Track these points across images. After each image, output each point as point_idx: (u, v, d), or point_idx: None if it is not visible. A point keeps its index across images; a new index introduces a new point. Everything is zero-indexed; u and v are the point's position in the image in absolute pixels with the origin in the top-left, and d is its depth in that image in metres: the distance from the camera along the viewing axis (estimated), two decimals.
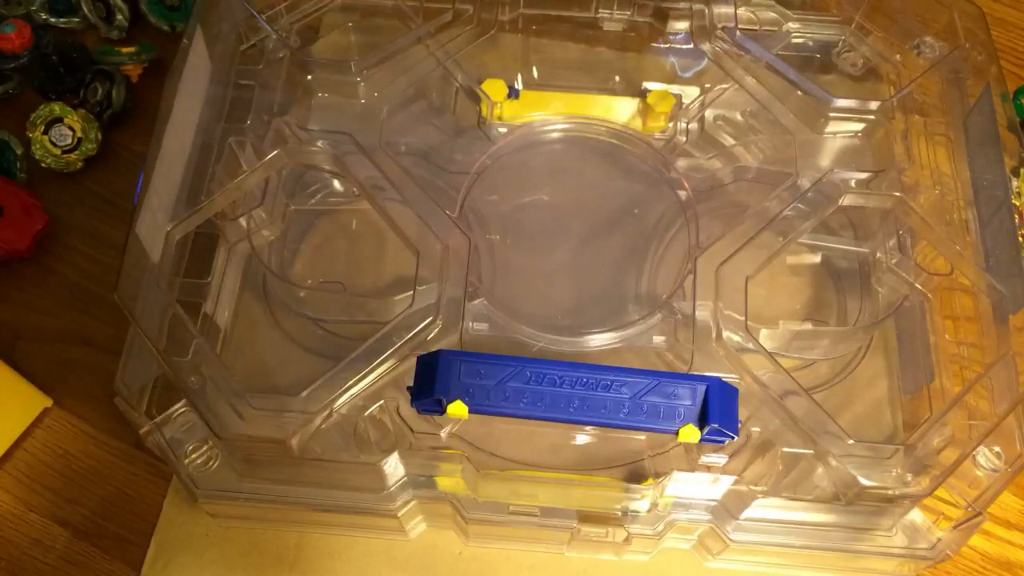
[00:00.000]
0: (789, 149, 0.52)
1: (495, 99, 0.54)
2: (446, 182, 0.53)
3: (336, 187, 0.55)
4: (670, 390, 0.40)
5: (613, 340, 0.48)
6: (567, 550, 0.48)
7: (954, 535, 0.43)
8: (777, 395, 0.43)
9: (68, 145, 0.58)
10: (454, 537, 0.48)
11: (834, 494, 0.43)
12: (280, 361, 0.50)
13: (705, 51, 0.55)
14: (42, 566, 0.49)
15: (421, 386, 0.40)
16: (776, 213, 0.48)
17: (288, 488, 0.44)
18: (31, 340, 0.54)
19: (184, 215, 0.47)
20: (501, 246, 0.52)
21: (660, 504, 0.43)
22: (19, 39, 0.60)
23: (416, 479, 0.43)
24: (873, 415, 0.50)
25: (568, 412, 0.40)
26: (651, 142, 0.55)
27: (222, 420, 0.41)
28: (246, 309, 0.51)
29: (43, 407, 0.52)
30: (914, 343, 0.50)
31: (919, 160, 0.51)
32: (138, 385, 0.44)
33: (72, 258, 0.57)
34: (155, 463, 0.51)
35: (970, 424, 0.43)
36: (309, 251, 0.54)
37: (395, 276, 0.53)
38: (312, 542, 0.48)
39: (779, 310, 0.52)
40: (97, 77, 0.60)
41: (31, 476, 0.51)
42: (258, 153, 0.50)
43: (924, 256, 0.50)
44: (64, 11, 0.64)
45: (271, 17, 0.54)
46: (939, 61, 0.53)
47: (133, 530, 0.49)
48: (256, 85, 0.52)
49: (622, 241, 0.53)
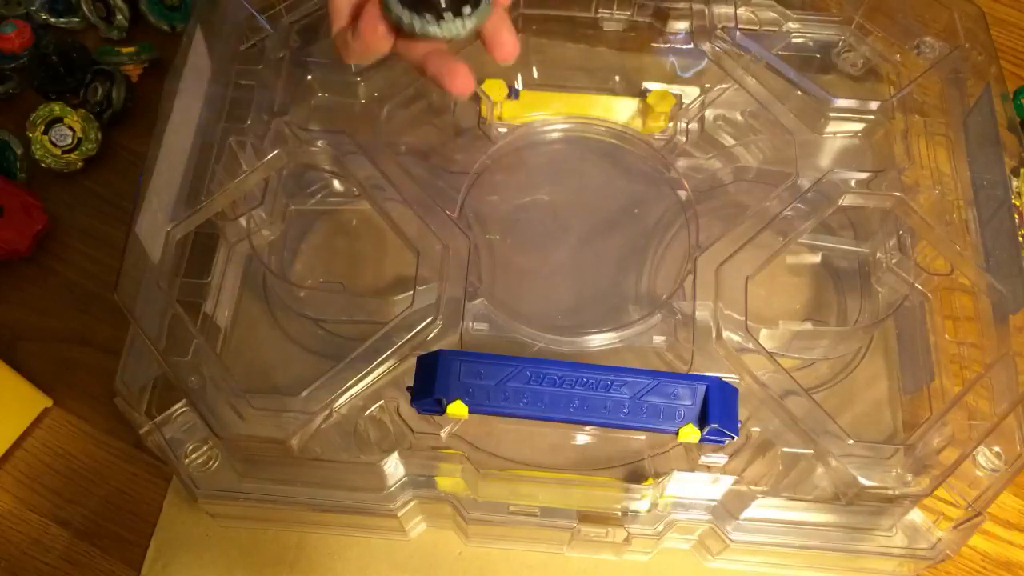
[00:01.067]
0: (789, 149, 0.52)
1: (495, 99, 0.54)
2: (446, 182, 0.53)
3: (336, 187, 0.55)
4: (670, 390, 0.40)
5: (613, 340, 0.48)
6: (567, 550, 0.48)
7: (954, 535, 0.43)
8: (777, 395, 0.43)
9: (68, 145, 0.58)
10: (454, 537, 0.48)
11: (834, 494, 0.43)
12: (280, 361, 0.50)
13: (705, 51, 0.55)
14: (42, 566, 0.49)
15: (421, 386, 0.40)
16: (776, 213, 0.48)
17: (288, 488, 0.44)
18: (31, 340, 0.54)
19: (184, 215, 0.47)
20: (501, 246, 0.52)
21: (660, 504, 0.43)
22: (19, 39, 0.60)
23: (416, 479, 0.43)
24: (873, 415, 0.50)
25: (568, 412, 0.40)
26: (651, 142, 0.55)
27: (222, 420, 0.41)
28: (246, 309, 0.52)
29: (43, 407, 0.52)
30: (914, 343, 0.50)
31: (919, 160, 0.51)
32: (138, 385, 0.44)
33: (72, 258, 0.57)
34: (155, 463, 0.51)
35: (970, 424, 0.43)
36: (309, 251, 0.54)
37: (395, 276, 0.53)
38: (312, 542, 0.48)
39: (779, 310, 0.52)
40: (97, 77, 0.60)
41: (31, 476, 0.51)
42: (258, 153, 0.50)
43: (924, 256, 0.50)
44: (64, 11, 0.64)
45: (271, 17, 0.54)
46: (939, 61, 0.54)
47: (133, 530, 0.49)
48: (256, 85, 0.52)
49: (622, 241, 0.53)
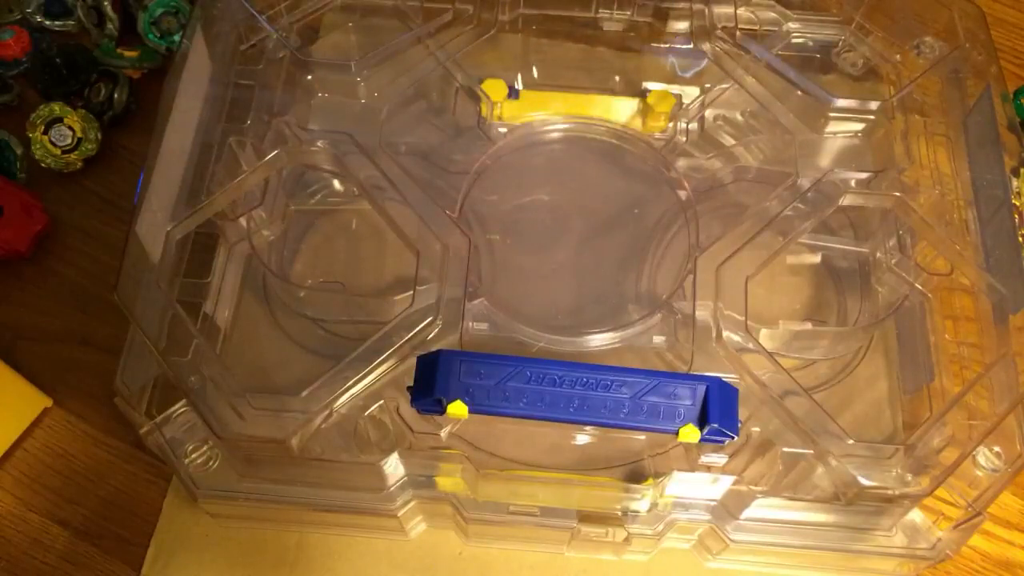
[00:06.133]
0: (789, 149, 0.52)
1: (495, 99, 0.54)
2: (446, 182, 0.53)
3: (336, 187, 0.55)
4: (670, 390, 0.40)
5: (613, 340, 0.48)
6: (567, 550, 0.48)
7: (954, 535, 0.43)
8: (777, 395, 0.43)
9: (68, 145, 0.58)
10: (454, 537, 0.48)
11: (834, 494, 0.43)
12: (280, 361, 0.50)
13: (705, 51, 0.55)
14: (42, 566, 0.49)
15: (421, 386, 0.40)
16: (776, 213, 0.48)
17: (288, 488, 0.44)
18: (31, 340, 0.54)
19: (184, 215, 0.47)
20: (501, 246, 0.52)
21: (660, 504, 0.43)
22: (18, 44, 0.61)
23: (416, 479, 0.43)
24: (873, 415, 0.50)
25: (568, 412, 0.40)
26: (651, 142, 0.55)
27: (222, 420, 0.41)
28: (246, 309, 0.51)
29: (43, 407, 0.52)
30: (914, 343, 0.50)
31: (919, 160, 0.51)
32: (138, 385, 0.44)
33: (72, 258, 0.57)
34: (155, 463, 0.51)
35: (970, 424, 0.43)
36: (309, 251, 0.54)
37: (395, 276, 0.52)
38: (312, 542, 0.48)
39: (779, 310, 0.52)
40: (101, 78, 0.60)
41: (31, 476, 0.51)
42: (258, 153, 0.50)
43: (924, 256, 0.50)
44: (59, 14, 0.64)
45: (271, 17, 0.54)
46: (939, 61, 0.53)
47: (133, 530, 0.49)
48: (256, 85, 0.52)
49: (622, 241, 0.53)
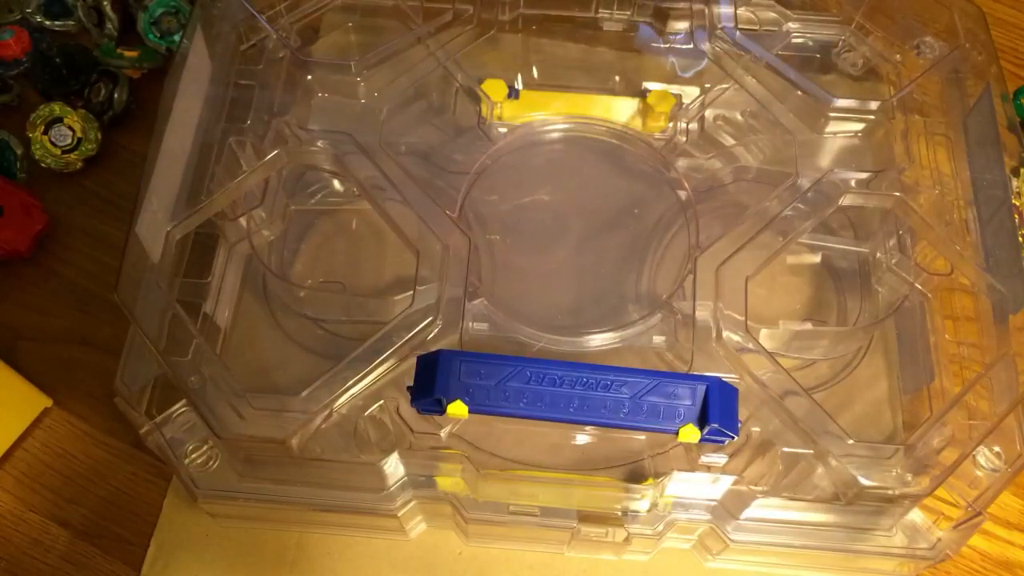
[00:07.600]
0: (789, 149, 0.52)
1: (495, 99, 0.54)
2: (446, 182, 0.53)
3: (336, 187, 0.55)
4: (670, 390, 0.40)
5: (613, 340, 0.48)
6: (567, 550, 0.48)
7: (954, 535, 0.43)
8: (777, 395, 0.43)
9: (68, 145, 0.58)
10: (454, 537, 0.48)
11: (834, 494, 0.43)
12: (280, 361, 0.50)
13: (705, 51, 0.55)
14: (42, 566, 0.49)
15: (421, 386, 0.40)
16: (776, 213, 0.48)
17: (288, 488, 0.44)
18: (31, 340, 0.54)
19: (184, 215, 0.47)
20: (501, 246, 0.52)
21: (660, 504, 0.43)
22: (18, 44, 0.61)
23: (416, 479, 0.43)
24: (873, 415, 0.50)
25: (568, 412, 0.40)
26: (651, 142, 0.55)
27: (222, 420, 0.41)
28: (246, 309, 0.51)
29: (43, 407, 0.52)
30: (914, 343, 0.50)
31: (919, 160, 0.51)
32: (138, 385, 0.44)
33: (72, 258, 0.57)
34: (155, 463, 0.51)
35: (970, 424, 0.43)
36: (309, 251, 0.54)
37: (395, 276, 0.52)
38: (312, 542, 0.48)
39: (779, 310, 0.52)
40: (101, 78, 0.60)
41: (31, 476, 0.51)
42: (258, 153, 0.50)
43: (924, 256, 0.50)
44: (59, 14, 0.64)
45: (271, 17, 0.54)
46: (939, 61, 0.53)
47: (133, 530, 0.49)
48: (256, 85, 0.52)
49: (622, 241, 0.53)
